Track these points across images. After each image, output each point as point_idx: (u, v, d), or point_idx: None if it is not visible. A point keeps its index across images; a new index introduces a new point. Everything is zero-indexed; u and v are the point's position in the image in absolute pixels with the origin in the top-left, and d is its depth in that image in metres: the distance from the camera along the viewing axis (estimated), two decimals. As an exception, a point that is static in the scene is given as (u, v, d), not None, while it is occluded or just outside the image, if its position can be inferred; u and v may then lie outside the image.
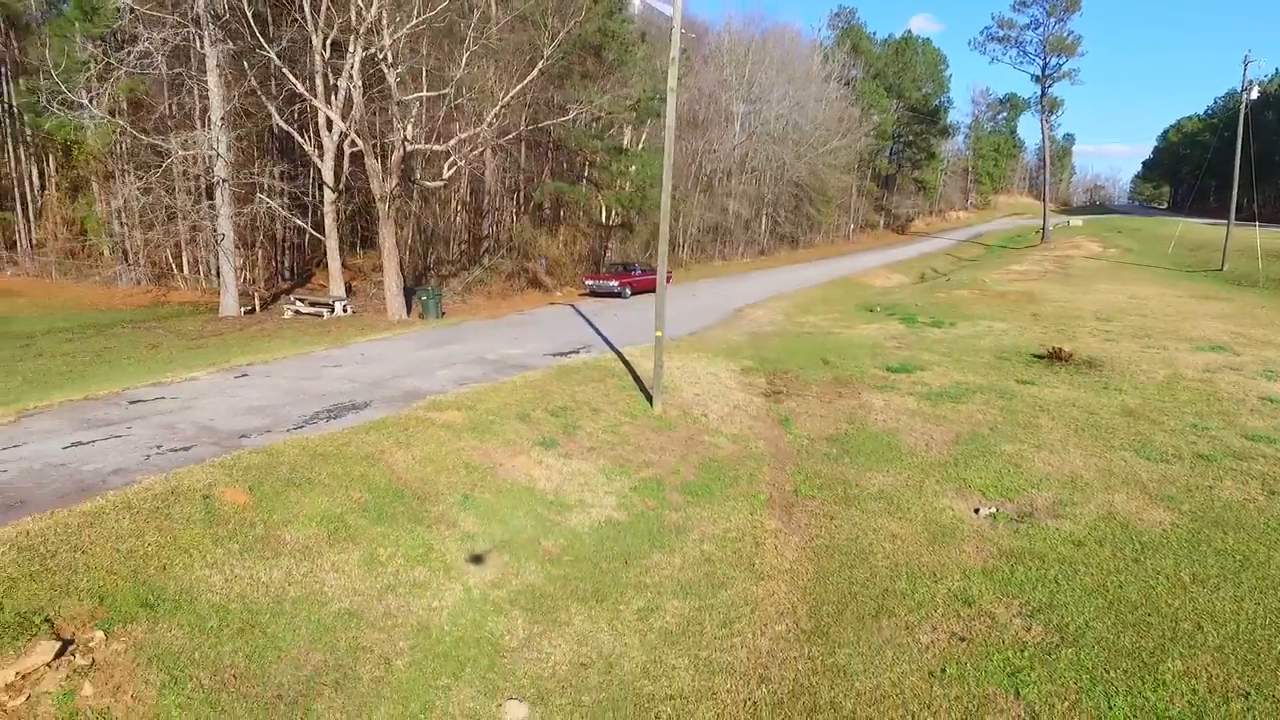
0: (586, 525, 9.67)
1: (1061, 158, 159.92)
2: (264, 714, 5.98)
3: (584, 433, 12.46)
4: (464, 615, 7.54)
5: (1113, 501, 10.78)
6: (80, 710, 5.52)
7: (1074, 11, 57.10)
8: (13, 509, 7.43)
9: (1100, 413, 14.80)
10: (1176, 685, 6.85)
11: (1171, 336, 22.15)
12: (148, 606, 6.47)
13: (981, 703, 6.72)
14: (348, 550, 7.96)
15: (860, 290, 36.38)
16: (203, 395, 12.48)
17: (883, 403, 15.65)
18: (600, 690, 6.84)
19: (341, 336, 20.85)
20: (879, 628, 7.88)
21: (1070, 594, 8.38)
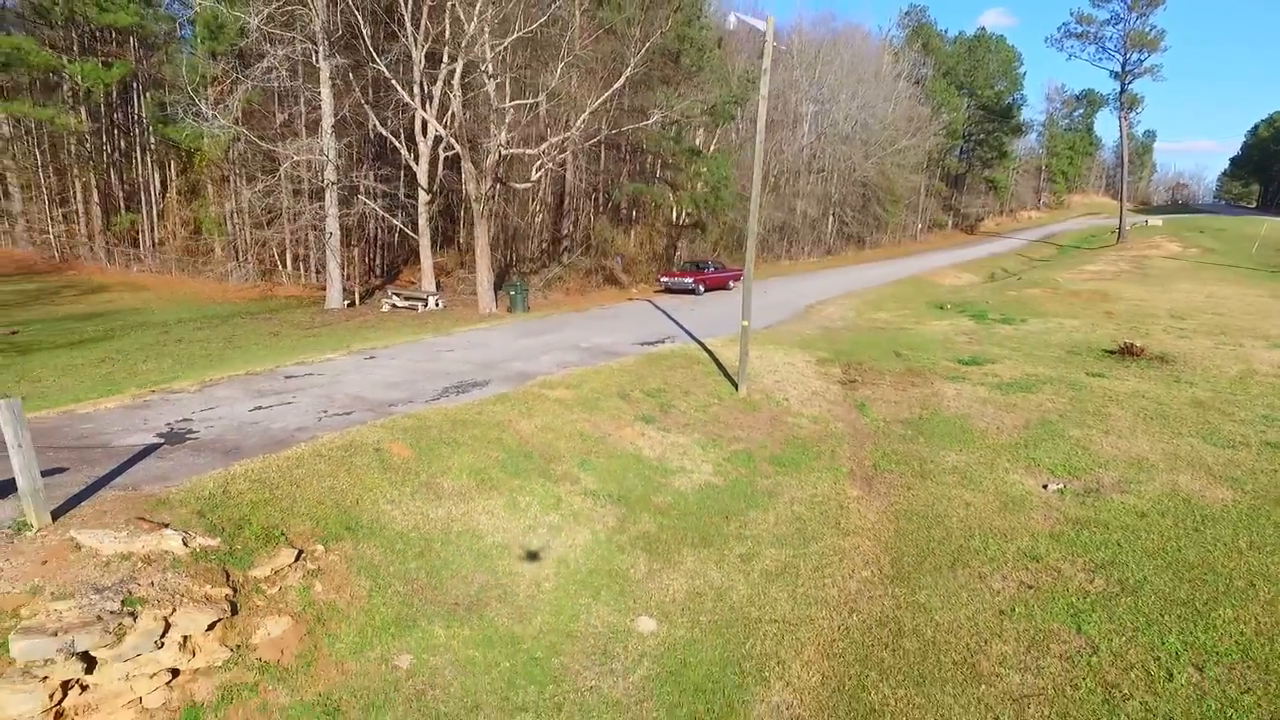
0: (689, 487, 10.98)
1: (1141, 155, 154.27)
2: (448, 615, 7.46)
3: (678, 411, 13.77)
4: (594, 552, 8.92)
5: (1176, 481, 11.54)
6: (315, 601, 7.08)
7: (1157, 5, 55.71)
8: (231, 454, 9.12)
9: (1169, 404, 15.38)
10: (1225, 628, 7.76)
11: (1248, 334, 22.24)
12: (350, 530, 8.03)
13: (1046, 635, 7.76)
14: (493, 497, 9.44)
15: (929, 289, 36.77)
16: (344, 373, 14.24)
17: (954, 391, 16.52)
18: (713, 613, 8.13)
19: (442, 326, 22.66)
20: (954, 575, 8.96)
21: (1131, 555, 9.28)
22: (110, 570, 6.38)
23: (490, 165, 25.55)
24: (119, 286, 34.20)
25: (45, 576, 6.22)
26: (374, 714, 6.23)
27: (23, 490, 6.76)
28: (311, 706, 6.18)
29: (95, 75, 32.46)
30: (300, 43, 26.65)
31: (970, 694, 6.93)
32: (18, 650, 5.57)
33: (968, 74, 78.65)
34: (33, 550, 6.51)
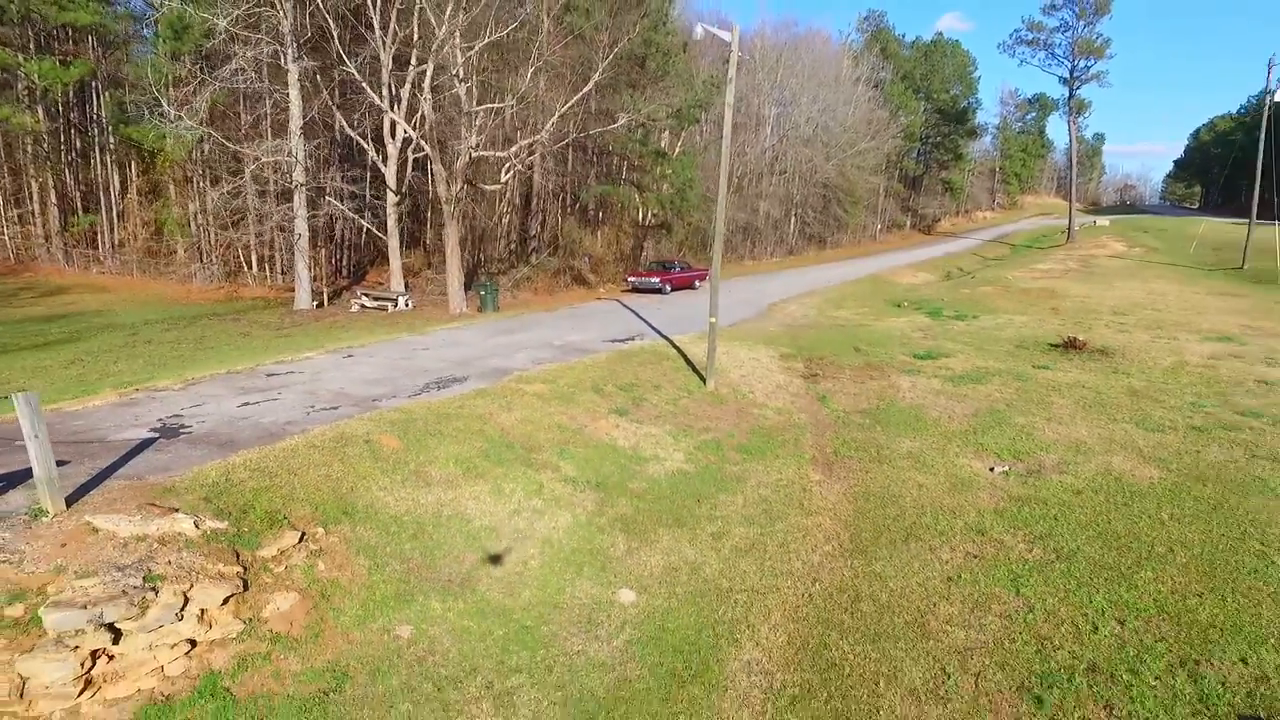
0: (662, 473, 11.64)
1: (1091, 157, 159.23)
2: (443, 590, 8.02)
3: (650, 404, 14.43)
4: (576, 533, 9.54)
5: (1110, 462, 12.53)
6: (319, 578, 7.60)
7: (1103, 14, 58.05)
8: (227, 446, 9.55)
9: (1107, 393, 16.48)
10: (1145, 588, 8.66)
11: (1183, 329, 23.63)
12: (347, 514, 8.54)
13: (988, 597, 8.59)
14: (479, 484, 9.99)
15: (888, 287, 37.98)
16: (324, 370, 14.63)
17: (910, 384, 17.45)
18: (688, 585, 8.80)
19: (414, 326, 23.02)
20: (907, 548, 9.77)
21: (1066, 527, 10.18)
22: (129, 551, 6.83)
23: (460, 167, 25.96)
24: (79, 288, 33.77)
25: (67, 557, 6.66)
26: (380, 678, 6.77)
27: (39, 478, 7.17)
28: (322, 673, 6.70)
29: (53, 74, 32.06)
30: (268, 44, 26.77)
31: (920, 648, 7.70)
32: (51, 622, 6.02)
33: (924, 78, 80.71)
34: (51, 534, 6.93)
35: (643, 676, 7.21)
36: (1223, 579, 8.80)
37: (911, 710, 6.85)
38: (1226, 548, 9.53)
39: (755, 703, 6.98)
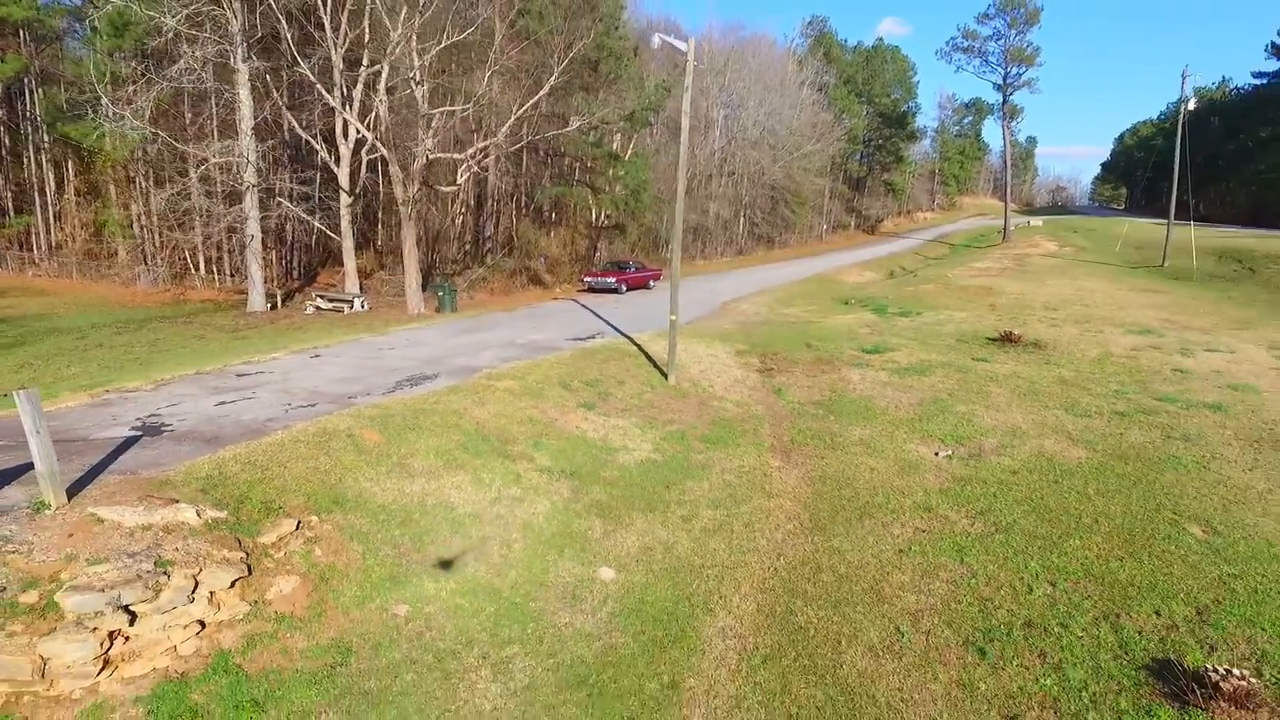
0: (631, 462, 12.25)
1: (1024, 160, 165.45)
2: (434, 572, 8.48)
3: (615, 398, 15.03)
4: (555, 518, 10.08)
5: (1043, 444, 13.59)
6: (317, 562, 8.00)
7: (1033, 24, 60.70)
8: (212, 442, 9.81)
9: (1040, 382, 17.68)
10: (1074, 554, 9.60)
11: (1108, 322, 25.23)
12: (338, 504, 8.93)
13: (936, 566, 9.42)
14: (460, 474, 10.45)
15: (835, 286, 39.27)
16: (293, 370, 14.83)
17: (859, 376, 18.41)
18: (663, 562, 9.43)
19: (374, 327, 23.15)
20: (862, 525, 10.57)
21: (1004, 503, 11.12)
22: (136, 539, 7.15)
23: (417, 169, 26.12)
24: (15, 291, 32.74)
25: (76, 546, 6.95)
26: (382, 652, 7.23)
27: (40, 473, 7.42)
28: (327, 649, 7.13)
29: (-13, 71, 31.10)
30: (215, 44, 26.50)
31: (876, 611, 8.47)
32: (70, 604, 6.33)
33: (866, 82, 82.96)
34: (57, 525, 7.20)
35: (627, 644, 7.81)
36: (1140, 545, 9.81)
37: (870, 665, 7.59)
38: (1144, 518, 10.57)
39: (731, 662, 7.64)
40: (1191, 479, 11.95)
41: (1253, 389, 16.99)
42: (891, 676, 7.41)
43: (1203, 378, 18.03)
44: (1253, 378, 18.03)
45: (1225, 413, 15.23)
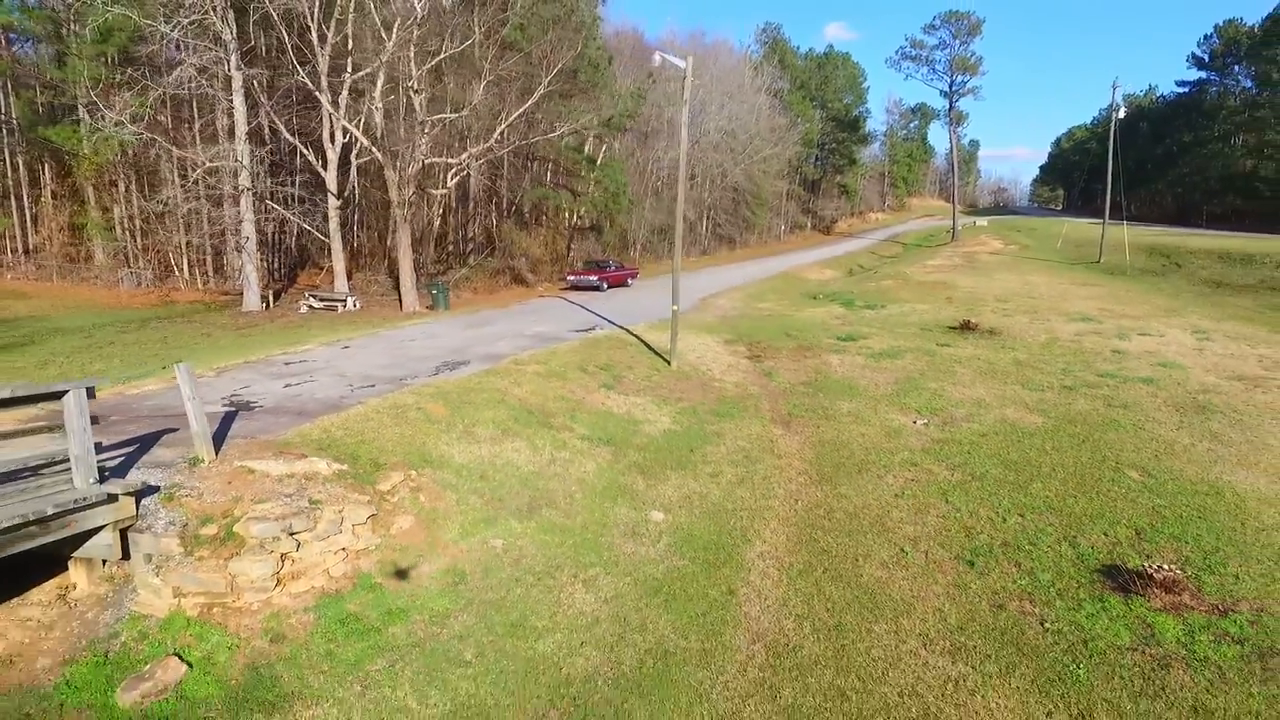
0: (656, 432, 13.93)
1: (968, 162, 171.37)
2: (516, 516, 10.04)
3: (629, 380, 16.69)
4: (603, 476, 11.71)
5: (1005, 413, 15.68)
6: (423, 507, 9.50)
7: (976, 35, 64.38)
8: (302, 415, 11.19)
9: (998, 363, 19.88)
10: (1037, 494, 11.60)
11: (1053, 312, 27.77)
12: (427, 463, 10.42)
13: (926, 505, 11.31)
14: (516, 441, 12.00)
15: (801, 283, 41.50)
16: (334, 359, 16.13)
17: (839, 360, 20.39)
18: (701, 507, 11.14)
19: (379, 323, 24.36)
20: (861, 477, 12.44)
21: (977, 458, 13.11)
22: (284, 484, 8.58)
23: (412, 173, 27.36)
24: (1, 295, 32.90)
25: (238, 490, 8.36)
26: (491, 573, 8.78)
27: (196, 433, 8.80)
28: (445, 572, 8.65)
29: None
30: (209, 49, 27.34)
31: (882, 538, 10.32)
32: (255, 531, 7.77)
33: (819, 88, 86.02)
34: (215, 475, 8.59)
35: (686, 565, 9.49)
36: (1090, 486, 11.86)
37: (884, 574, 9.41)
38: (1092, 466, 12.66)
39: (772, 576, 9.38)
40: (1129, 437, 14.13)
41: (1179, 366, 19.43)
42: (901, 582, 9.24)
43: (1137, 357, 20.46)
44: (1179, 357, 20.52)
45: (1156, 385, 17.57)
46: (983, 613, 8.57)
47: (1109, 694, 7.16)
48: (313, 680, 6.96)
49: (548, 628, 7.99)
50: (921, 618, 8.48)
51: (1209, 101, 78.70)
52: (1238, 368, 19.25)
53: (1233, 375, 18.49)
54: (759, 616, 8.52)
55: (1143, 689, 7.22)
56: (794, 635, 8.14)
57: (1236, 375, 18.48)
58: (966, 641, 8.01)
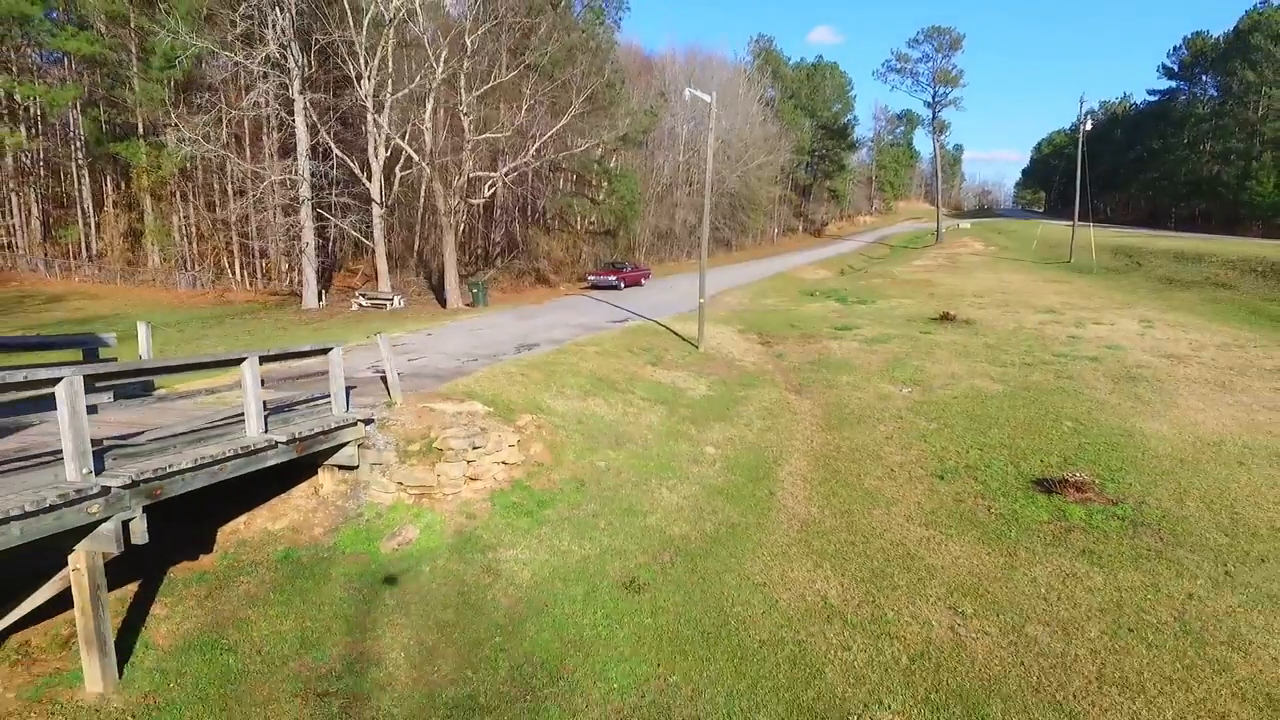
0: (697, 396, 17.60)
1: (952, 166, 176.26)
2: (609, 447, 13.65)
3: (668, 359, 20.35)
4: (664, 424, 15.36)
5: (974, 383, 19.41)
6: (547, 438, 13.11)
7: (957, 50, 68.62)
8: (440, 378, 14.74)
9: (971, 346, 23.64)
10: (994, 437, 15.32)
11: (1023, 305, 31.62)
12: (540, 410, 14.03)
13: (911, 444, 15.02)
14: (595, 399, 15.63)
15: (798, 282, 45.27)
16: (428, 343, 19.68)
17: (837, 345, 24.12)
18: (741, 444, 14.81)
19: (437, 317, 27.88)
20: (860, 427, 16.14)
21: (950, 414, 16.83)
22: (458, 418, 12.19)
23: (459, 186, 30.95)
24: (74, 295, 36.25)
25: (427, 422, 11.95)
26: (603, 480, 12.40)
27: (391, 384, 12.40)
28: (570, 480, 12.27)
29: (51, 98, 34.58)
30: (278, 76, 30.90)
31: (878, 463, 14.02)
32: (452, 444, 11.37)
33: (809, 97, 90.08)
34: (407, 412, 12.17)
35: (736, 479, 13.15)
36: (1033, 431, 15.60)
37: (878, 484, 13.11)
38: (1037, 418, 16.39)
39: (799, 485, 13.05)
40: (1070, 399, 17.88)
41: (1122, 347, 23.25)
42: (891, 488, 12.94)
43: (1088, 341, 24.28)
44: (1124, 340, 24.35)
45: (1099, 362, 21.36)
46: (948, 504, 12.28)
47: (1028, 544, 10.87)
48: (503, 537, 10.58)
49: (650, 510, 11.65)
50: (904, 507, 12.18)
51: (1178, 110, 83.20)
52: (1169, 349, 23.11)
53: (1164, 354, 22.33)
54: (792, 507, 12.20)
55: (1051, 542, 10.93)
56: (817, 516, 11.82)
57: (1167, 354, 22.32)
58: (935, 518, 11.72)
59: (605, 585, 9.63)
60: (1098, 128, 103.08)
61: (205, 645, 8.37)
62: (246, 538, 10.56)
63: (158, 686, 7.79)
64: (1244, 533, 11.16)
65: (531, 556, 10.19)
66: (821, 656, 8.29)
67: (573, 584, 9.63)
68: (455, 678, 7.90)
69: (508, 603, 9.22)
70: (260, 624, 8.73)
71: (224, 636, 8.52)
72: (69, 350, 13.26)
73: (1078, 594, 9.57)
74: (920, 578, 9.96)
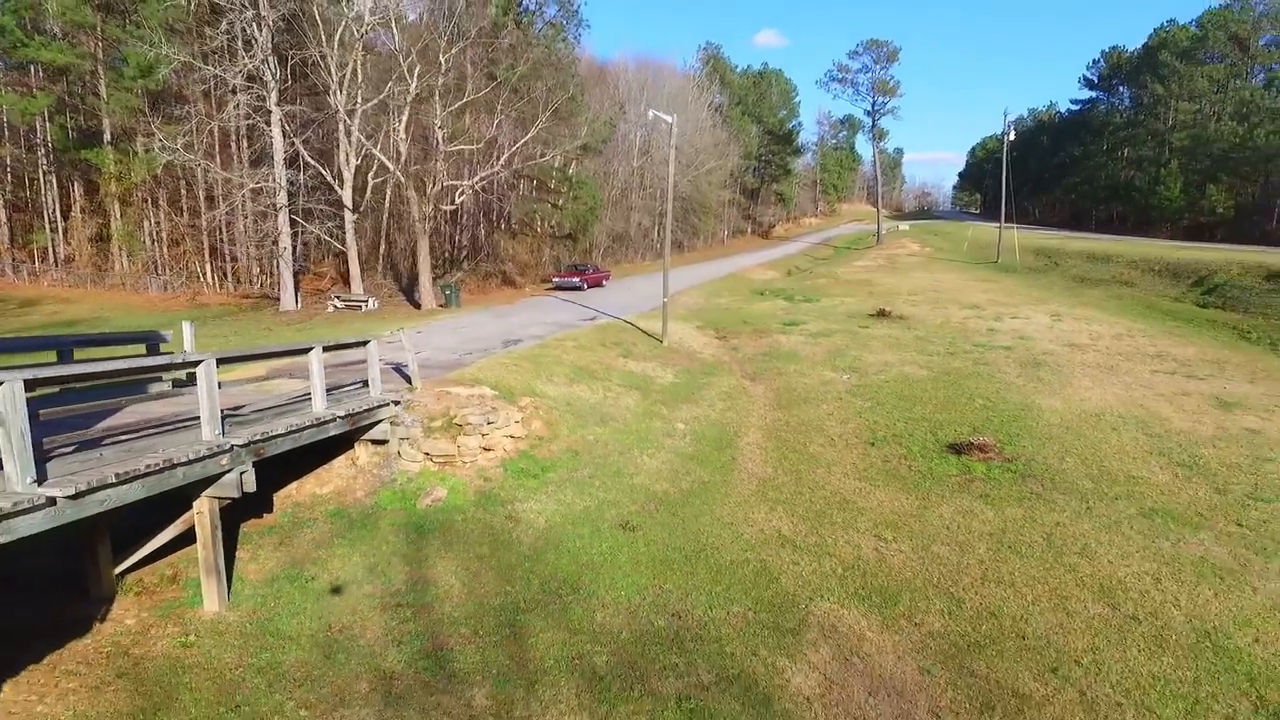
0: (665, 383, 20.09)
1: (893, 169, 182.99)
2: (597, 423, 16.02)
3: (637, 352, 22.79)
4: (639, 406, 17.79)
5: (904, 369, 22.32)
6: (544, 417, 15.42)
7: (894, 62, 72.74)
8: (443, 368, 16.89)
9: (903, 339, 26.65)
10: (917, 412, 18.16)
11: (951, 302, 34.95)
12: (535, 394, 16.31)
13: (847, 419, 17.76)
14: (579, 386, 17.98)
15: (748, 282, 48.17)
16: (420, 340, 21.66)
17: (785, 339, 26.89)
18: (706, 421, 17.35)
19: (415, 318, 29.77)
20: (806, 406, 18.83)
21: (882, 395, 19.63)
22: (471, 399, 14.42)
23: (432, 194, 32.88)
24: (47, 300, 36.95)
25: (445, 403, 14.16)
26: (594, 450, 14.76)
27: (411, 370, 14.56)
28: (566, 450, 14.61)
29: (23, 107, 35.31)
30: (255, 89, 32.39)
31: (820, 434, 16.69)
32: (470, 420, 13.60)
33: (756, 104, 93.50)
34: (427, 395, 14.36)
35: (704, 448, 15.67)
36: (950, 407, 18.48)
37: (821, 450, 15.77)
38: (954, 397, 19.31)
39: (756, 452, 15.63)
40: (983, 381, 20.88)
41: (1032, 338, 26.51)
42: (831, 453, 15.61)
43: (1004, 333, 27.52)
44: (1035, 332, 27.65)
45: (1011, 350, 24.52)
46: (876, 464, 15.01)
47: (938, 491, 13.63)
48: (517, 494, 12.89)
49: (635, 473, 14.08)
50: (842, 467, 14.86)
51: (1097, 119, 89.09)
52: (1072, 339, 26.47)
53: (1067, 343, 25.65)
54: (751, 468, 14.77)
55: (956, 489, 13.70)
56: (772, 475, 14.42)
57: (1069, 343, 25.64)
58: (866, 475, 14.43)
59: (605, 527, 12.03)
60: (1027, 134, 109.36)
61: (290, 577, 10.50)
62: (299, 500, 12.65)
63: (260, 606, 9.90)
64: (1106, 480, 14.13)
65: (543, 508, 12.52)
66: (777, 569, 10.84)
67: (579, 526, 12.00)
68: (498, 591, 10.20)
69: (529, 540, 11.54)
70: (331, 561, 10.88)
71: (304, 570, 10.65)
72: (134, 345, 15.08)
73: (973, 524, 12.33)
74: (853, 516, 12.61)
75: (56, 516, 6.96)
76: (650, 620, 9.59)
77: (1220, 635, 9.33)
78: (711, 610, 9.80)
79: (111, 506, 7.69)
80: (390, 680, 8.43)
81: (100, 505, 7.48)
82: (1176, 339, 26.33)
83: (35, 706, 7.90)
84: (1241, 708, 8.12)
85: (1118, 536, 11.88)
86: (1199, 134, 69.11)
